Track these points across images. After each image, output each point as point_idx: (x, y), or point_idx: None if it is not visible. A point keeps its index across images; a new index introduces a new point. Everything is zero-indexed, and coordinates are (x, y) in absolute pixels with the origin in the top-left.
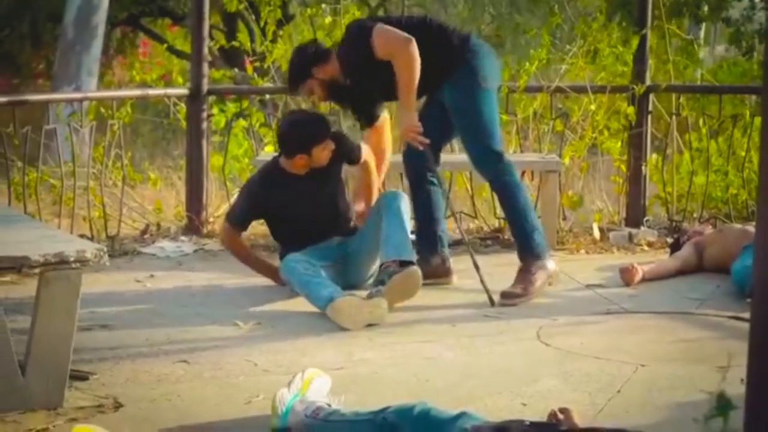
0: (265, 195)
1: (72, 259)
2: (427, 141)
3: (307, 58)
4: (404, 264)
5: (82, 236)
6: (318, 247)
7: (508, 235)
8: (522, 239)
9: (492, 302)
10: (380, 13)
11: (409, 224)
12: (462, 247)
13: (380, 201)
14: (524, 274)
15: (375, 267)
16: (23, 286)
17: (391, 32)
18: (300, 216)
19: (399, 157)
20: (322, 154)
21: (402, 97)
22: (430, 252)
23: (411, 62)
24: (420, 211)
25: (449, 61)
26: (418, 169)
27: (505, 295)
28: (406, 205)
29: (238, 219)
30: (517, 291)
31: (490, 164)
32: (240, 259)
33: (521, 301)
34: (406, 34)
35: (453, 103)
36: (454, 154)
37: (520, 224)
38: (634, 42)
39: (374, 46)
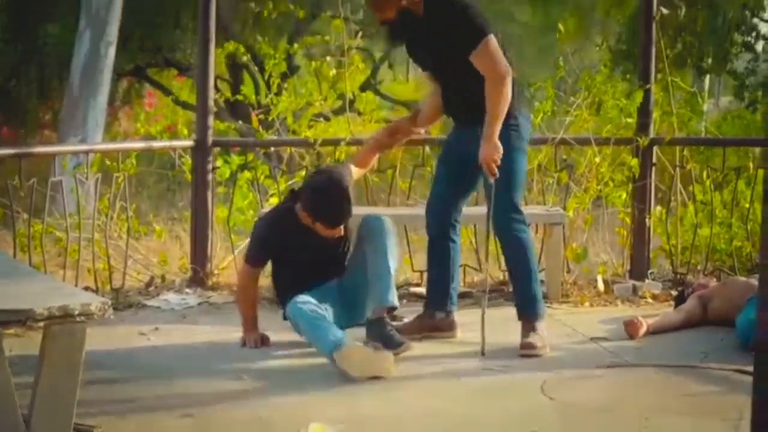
0: (278, 241)
1: (77, 312)
2: (497, 174)
3: None
4: (390, 310)
5: (86, 288)
6: (319, 290)
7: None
8: (528, 299)
9: (482, 352)
10: (385, 65)
11: (396, 256)
12: (468, 299)
13: (363, 229)
14: (531, 329)
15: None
16: (28, 339)
17: (499, 55)
18: (307, 261)
19: (416, 210)
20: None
21: (489, 124)
22: (438, 307)
23: (505, 95)
24: (436, 267)
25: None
26: (442, 224)
27: (525, 346)
28: (390, 234)
29: (259, 256)
30: (536, 343)
31: (510, 218)
32: (242, 298)
33: (541, 353)
34: (507, 64)
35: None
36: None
37: (528, 284)
38: (638, 95)
39: (476, 53)
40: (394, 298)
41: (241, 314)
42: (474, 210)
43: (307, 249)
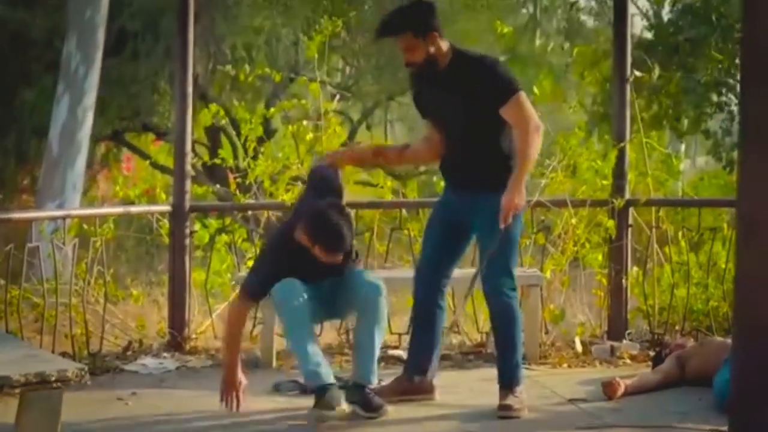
0: (287, 265)
1: (53, 378)
2: (510, 224)
3: (436, 21)
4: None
5: (63, 354)
6: (309, 285)
7: (491, 349)
8: (511, 367)
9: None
10: (363, 126)
11: (383, 330)
12: (447, 362)
13: (363, 291)
14: (510, 391)
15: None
16: (4, 405)
17: (532, 109)
18: (305, 276)
19: (394, 273)
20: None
21: (519, 172)
22: (417, 372)
23: (537, 146)
24: (420, 333)
25: (506, 169)
26: (429, 290)
27: (503, 407)
28: (384, 308)
29: (261, 290)
30: (515, 405)
31: (503, 283)
32: (229, 338)
33: (520, 415)
34: (538, 118)
35: (493, 220)
36: None
37: (512, 353)
38: (612, 156)
39: (508, 106)
40: (374, 377)
41: (225, 358)
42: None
43: (307, 269)
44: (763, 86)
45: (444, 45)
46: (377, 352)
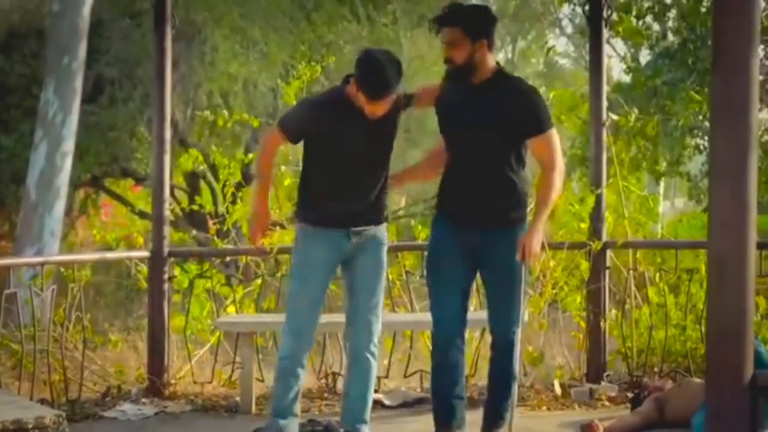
0: (325, 116)
1: (31, 425)
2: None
3: (492, 31)
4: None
5: (42, 400)
6: (332, 237)
7: (470, 392)
8: (498, 415)
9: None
10: None
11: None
12: (425, 405)
13: (354, 353)
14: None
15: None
16: None
17: (560, 152)
18: (346, 158)
19: (421, 316)
20: (369, 108)
21: (540, 213)
22: (445, 426)
23: (558, 189)
24: (442, 379)
25: (523, 204)
26: (448, 332)
27: None
28: (375, 366)
29: (291, 125)
30: None
31: (514, 323)
32: (261, 164)
33: None
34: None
35: (507, 256)
36: (420, 313)
37: (505, 400)
38: (590, 199)
39: (542, 138)
40: (366, 428)
41: (257, 186)
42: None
43: (347, 137)
44: (730, 128)
45: (491, 59)
46: (370, 403)
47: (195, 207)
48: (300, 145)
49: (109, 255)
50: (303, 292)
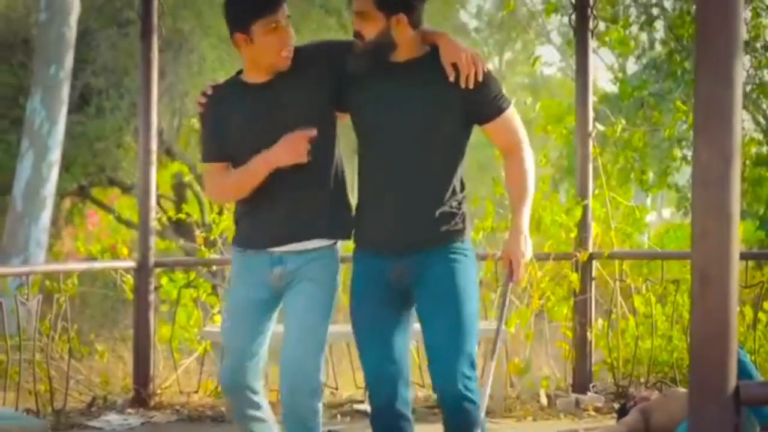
0: (216, 108)
1: None
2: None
3: (416, 4)
4: None
5: (27, 410)
6: (252, 264)
7: None
8: None
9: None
10: None
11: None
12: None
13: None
14: None
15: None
16: None
17: (523, 128)
18: (245, 145)
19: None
20: (274, 38)
21: (518, 212)
22: None
23: (533, 173)
24: None
25: (461, 213)
26: (384, 398)
27: None
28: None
29: (209, 151)
30: None
31: (463, 377)
32: (230, 189)
33: None
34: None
35: (446, 280)
36: None
37: None
38: (576, 210)
39: (500, 120)
40: None
41: (244, 179)
42: None
43: (243, 117)
44: (713, 138)
45: (413, 35)
46: None
47: (183, 216)
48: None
49: (95, 265)
50: (226, 341)
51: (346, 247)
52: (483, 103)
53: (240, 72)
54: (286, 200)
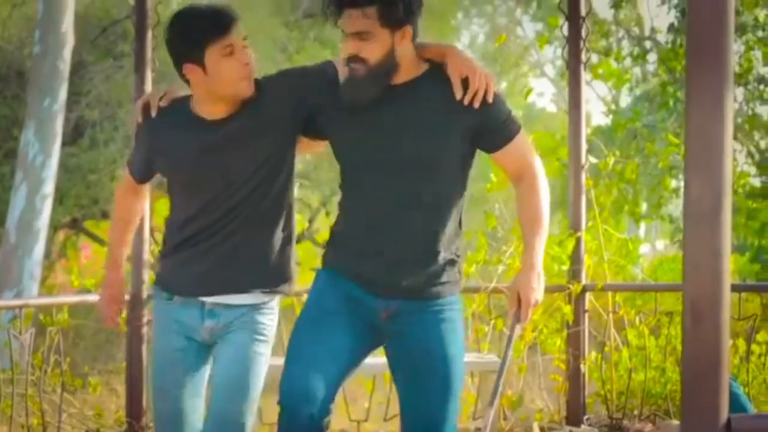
0: (157, 133)
1: None
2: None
3: (418, 12)
4: None
5: None
6: (180, 312)
7: None
8: None
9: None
10: (322, 213)
11: None
12: None
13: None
14: None
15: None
16: None
17: (534, 151)
18: (193, 182)
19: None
20: (231, 63)
21: (533, 246)
22: None
23: (547, 201)
24: None
25: (456, 261)
26: (312, 410)
27: None
28: None
29: (133, 156)
30: None
31: None
32: (114, 220)
33: None
34: None
35: (435, 339)
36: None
37: None
38: (569, 243)
39: (512, 145)
40: None
41: (112, 230)
42: None
43: (203, 163)
44: (704, 171)
45: (412, 50)
46: None
47: None
48: None
49: (89, 298)
50: (157, 400)
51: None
52: (493, 127)
53: (188, 99)
54: (225, 243)
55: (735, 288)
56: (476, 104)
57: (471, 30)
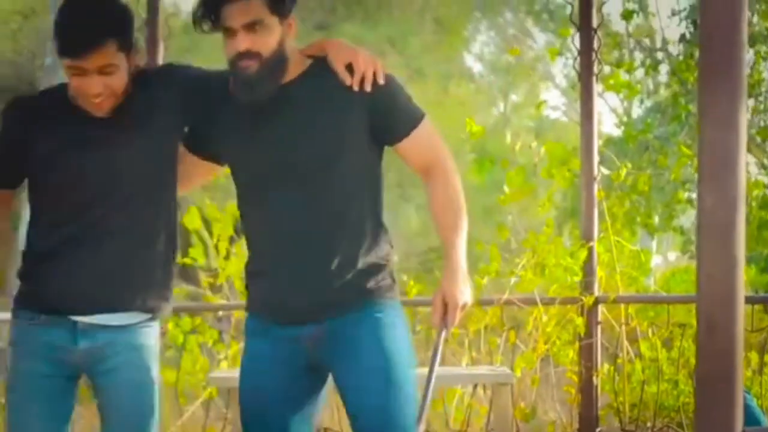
0: (25, 125)
1: None
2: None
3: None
4: None
5: None
6: (46, 334)
7: None
8: None
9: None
10: None
11: None
12: None
13: None
14: None
15: None
16: None
17: (441, 140)
18: (65, 186)
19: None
20: (76, 83)
21: (453, 246)
22: None
23: (460, 194)
24: None
25: (382, 265)
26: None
27: None
28: None
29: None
30: None
31: None
32: None
33: None
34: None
35: (372, 352)
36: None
37: None
38: (581, 254)
39: (414, 136)
40: None
41: None
42: None
43: (82, 160)
44: (717, 184)
45: (295, 47)
46: None
47: (189, 261)
48: None
49: None
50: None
51: None
52: (389, 114)
53: (65, 87)
54: (100, 255)
55: (748, 300)
56: (367, 86)
57: (482, 41)
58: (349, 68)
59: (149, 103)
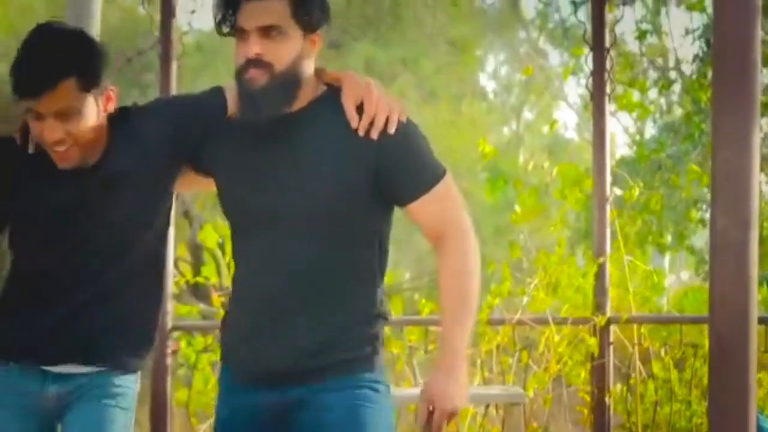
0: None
1: None
2: None
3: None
4: None
5: None
6: (16, 383)
7: None
8: None
9: None
10: None
11: None
12: None
13: None
14: None
15: None
16: None
17: (461, 204)
18: (55, 241)
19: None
20: (34, 126)
21: (452, 338)
22: None
23: (479, 272)
24: None
25: (368, 340)
26: None
27: None
28: None
29: None
30: None
31: None
32: None
33: None
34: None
35: (346, 423)
36: None
37: None
38: (593, 274)
39: (431, 196)
40: None
41: None
42: None
43: (39, 201)
44: (730, 204)
45: (312, 70)
46: None
47: (201, 279)
48: None
49: None
50: None
51: None
52: (399, 169)
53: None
54: (79, 302)
55: (761, 320)
56: (374, 134)
57: (495, 61)
58: (360, 109)
59: (134, 150)
